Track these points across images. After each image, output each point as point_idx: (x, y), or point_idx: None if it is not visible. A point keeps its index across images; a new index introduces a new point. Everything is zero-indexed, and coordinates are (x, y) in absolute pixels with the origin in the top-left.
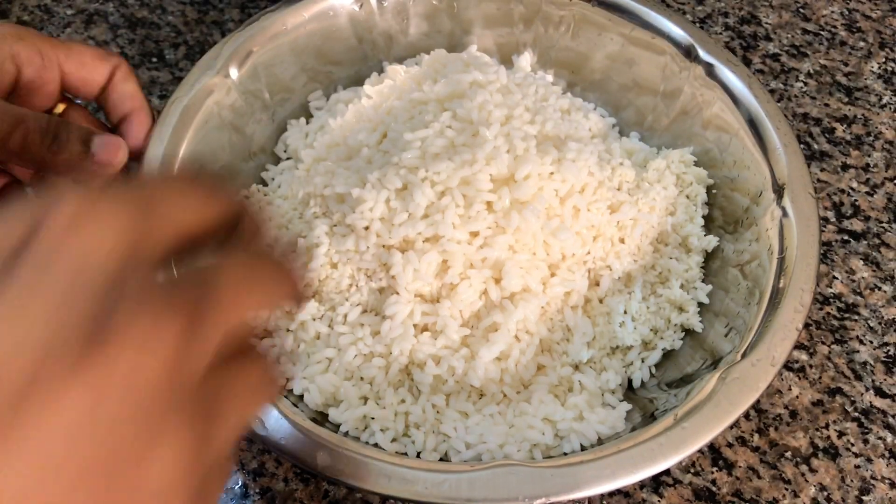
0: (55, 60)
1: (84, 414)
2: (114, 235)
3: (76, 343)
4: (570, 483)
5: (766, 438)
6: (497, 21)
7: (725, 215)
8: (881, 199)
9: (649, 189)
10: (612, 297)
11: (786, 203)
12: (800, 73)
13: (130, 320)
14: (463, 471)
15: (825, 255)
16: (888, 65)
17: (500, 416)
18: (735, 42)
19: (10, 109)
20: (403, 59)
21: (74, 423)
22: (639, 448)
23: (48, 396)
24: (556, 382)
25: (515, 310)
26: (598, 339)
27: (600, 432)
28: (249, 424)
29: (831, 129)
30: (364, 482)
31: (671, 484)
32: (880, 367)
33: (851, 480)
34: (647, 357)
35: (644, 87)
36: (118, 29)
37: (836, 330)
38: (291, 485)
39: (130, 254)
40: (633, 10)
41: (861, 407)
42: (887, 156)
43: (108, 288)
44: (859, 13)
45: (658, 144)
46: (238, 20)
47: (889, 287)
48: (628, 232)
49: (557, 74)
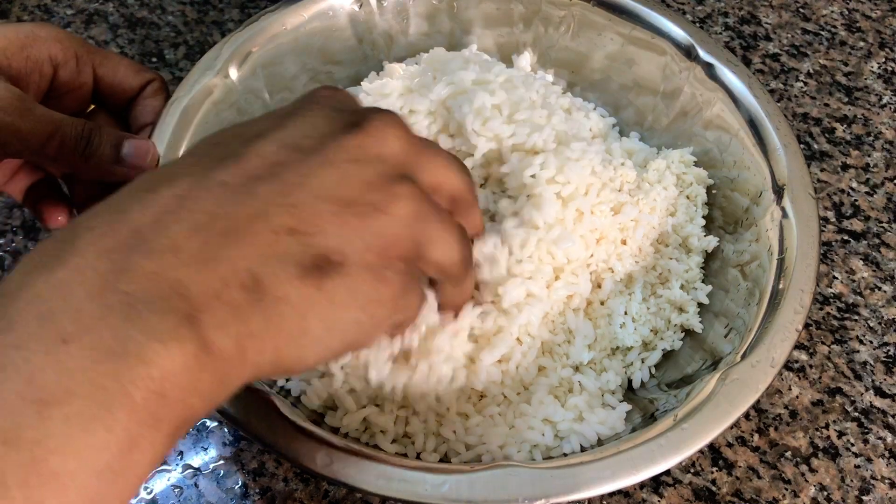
0: (90, 65)
1: (354, 154)
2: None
3: (347, 125)
4: (570, 484)
5: (766, 438)
6: (497, 21)
7: (725, 216)
8: (881, 199)
9: (650, 189)
10: (613, 299)
11: (786, 203)
12: (800, 73)
13: (376, 119)
14: (463, 472)
15: (825, 255)
16: (888, 65)
17: (500, 418)
18: (735, 42)
19: (48, 116)
20: (403, 58)
21: (350, 156)
22: (639, 449)
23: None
24: (556, 384)
25: (519, 314)
26: (599, 341)
27: (600, 433)
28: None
29: (831, 129)
30: (364, 483)
31: (671, 484)
32: (880, 367)
33: (851, 480)
34: (647, 357)
35: (644, 87)
36: (118, 29)
37: (836, 330)
38: (291, 485)
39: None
40: (633, 10)
41: (861, 407)
42: (887, 156)
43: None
44: (859, 13)
45: (658, 144)
46: (238, 20)
47: (889, 287)
48: (630, 233)
49: (557, 74)
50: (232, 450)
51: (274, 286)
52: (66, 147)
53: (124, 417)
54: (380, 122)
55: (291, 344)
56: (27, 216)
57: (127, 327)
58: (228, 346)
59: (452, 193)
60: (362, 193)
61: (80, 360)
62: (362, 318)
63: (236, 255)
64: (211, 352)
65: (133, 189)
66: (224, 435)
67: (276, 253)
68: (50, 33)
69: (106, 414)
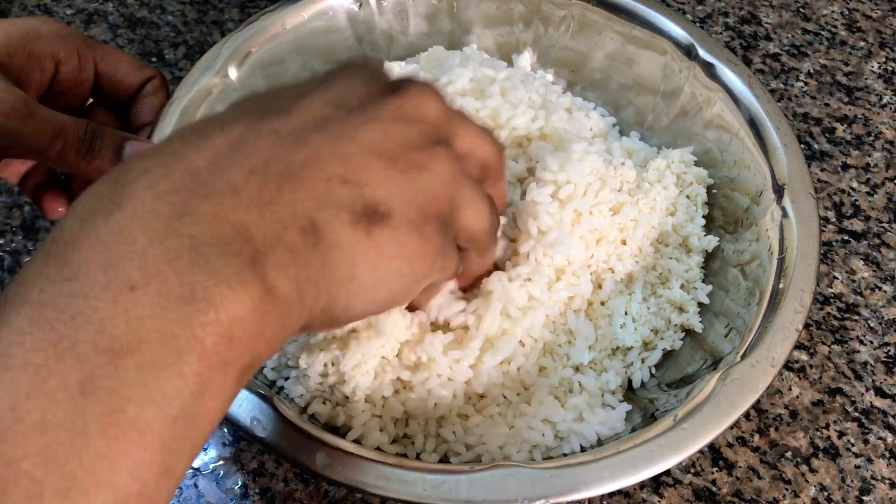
0: (91, 61)
1: (395, 114)
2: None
3: (386, 89)
4: (570, 484)
5: (767, 438)
6: (497, 21)
7: (726, 215)
8: (881, 199)
9: (649, 189)
10: (614, 299)
11: (786, 203)
12: (800, 73)
13: (413, 85)
14: (462, 472)
15: (825, 255)
16: (888, 64)
17: (499, 418)
18: (735, 42)
19: (51, 119)
20: (403, 58)
21: (392, 116)
22: (639, 449)
23: (375, 103)
24: (556, 384)
25: (524, 318)
26: (600, 341)
27: (600, 433)
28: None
29: (831, 129)
30: (364, 483)
31: (671, 484)
32: (880, 367)
33: (852, 480)
34: (648, 357)
35: (644, 87)
36: (118, 29)
37: (836, 330)
38: (291, 485)
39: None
40: (633, 10)
41: (861, 407)
42: (887, 156)
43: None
44: (859, 13)
45: (658, 144)
46: (238, 20)
47: (889, 287)
48: (630, 233)
49: (557, 74)
50: (232, 450)
51: (329, 231)
52: (69, 150)
53: (195, 363)
54: (418, 88)
55: (342, 291)
56: (27, 216)
57: (193, 272)
58: (290, 289)
59: (483, 162)
60: (405, 151)
61: (149, 307)
62: (406, 269)
63: (294, 198)
64: (274, 295)
65: (184, 134)
66: (224, 435)
67: (330, 200)
68: (52, 29)
69: (178, 360)
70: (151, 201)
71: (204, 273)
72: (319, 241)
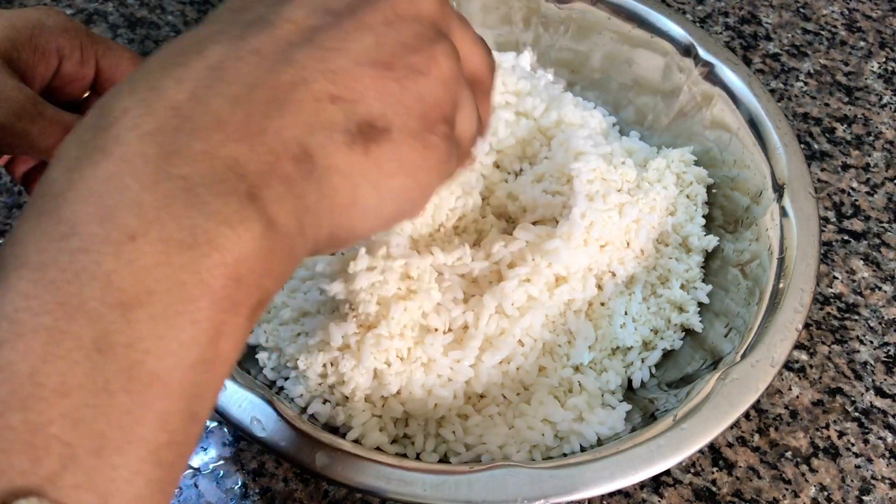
0: (94, 56)
1: (389, 16)
2: None
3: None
4: (570, 484)
5: (767, 438)
6: (497, 20)
7: (726, 215)
8: (881, 199)
9: (650, 189)
10: (614, 299)
11: (786, 203)
12: (800, 73)
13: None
14: (462, 472)
15: (825, 255)
16: (888, 64)
17: (499, 418)
18: (735, 42)
19: (58, 119)
20: None
21: (385, 18)
22: (638, 449)
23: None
24: (556, 384)
25: (521, 318)
26: (600, 341)
27: (600, 433)
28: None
29: (831, 129)
30: (364, 483)
31: (671, 484)
32: (880, 367)
33: (852, 480)
34: (648, 357)
35: (644, 87)
36: (118, 28)
37: (836, 330)
38: (291, 485)
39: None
40: (632, 10)
41: (861, 407)
42: (887, 156)
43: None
44: (859, 13)
45: (658, 144)
46: None
47: (889, 287)
48: (632, 235)
49: (557, 74)
50: (232, 450)
51: (323, 156)
52: None
53: (207, 308)
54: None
55: (344, 214)
56: None
57: (191, 214)
58: (291, 222)
59: (475, 72)
60: (400, 56)
61: (153, 256)
62: (410, 184)
63: (282, 125)
64: (276, 229)
65: (161, 61)
66: (224, 435)
67: (320, 122)
68: (57, 22)
69: (190, 307)
70: (138, 144)
71: (203, 215)
72: (314, 168)
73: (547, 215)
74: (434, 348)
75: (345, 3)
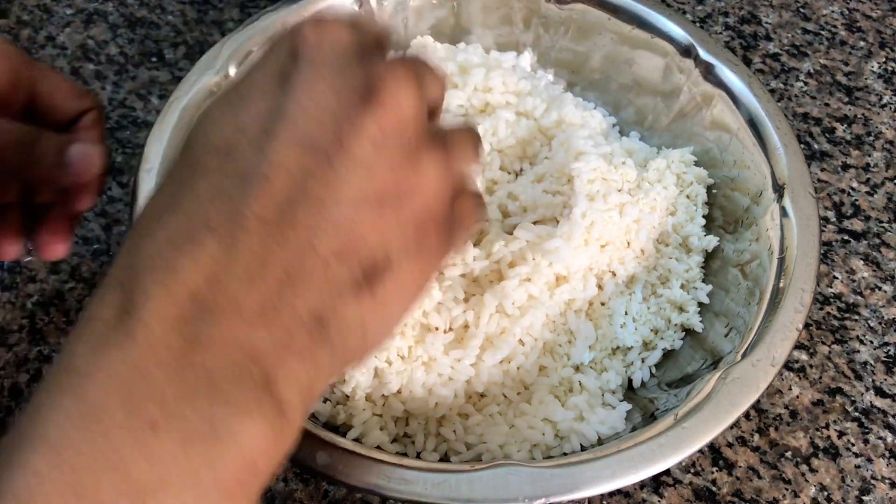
0: (27, 81)
1: (376, 139)
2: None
3: (356, 96)
4: (570, 483)
5: (767, 438)
6: (497, 21)
7: (726, 215)
8: (881, 199)
9: (650, 189)
10: (614, 299)
11: (786, 203)
12: (800, 73)
13: (385, 78)
14: (463, 471)
15: (825, 255)
16: (888, 64)
17: (500, 417)
18: (735, 42)
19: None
20: None
21: (373, 143)
22: (639, 448)
23: (353, 130)
24: (556, 383)
25: (522, 318)
26: (600, 341)
27: (600, 432)
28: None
29: (831, 129)
30: (364, 483)
31: (671, 484)
32: (881, 367)
33: (852, 480)
34: (648, 357)
35: (644, 87)
36: (118, 28)
37: (836, 330)
38: (291, 485)
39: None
40: (632, 10)
41: (861, 407)
42: (888, 156)
43: (363, 59)
44: (859, 13)
45: (658, 144)
46: (238, 20)
47: (889, 287)
48: (633, 235)
49: (557, 74)
50: None
51: (335, 318)
52: (8, 152)
53: (218, 499)
54: (392, 84)
55: (355, 355)
56: None
57: (212, 406)
58: (301, 398)
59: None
60: (392, 184)
61: (171, 447)
62: (412, 299)
63: (295, 301)
64: (285, 413)
65: (170, 234)
66: None
67: (330, 285)
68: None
69: (201, 500)
70: (162, 332)
71: (222, 406)
72: (327, 332)
73: (547, 215)
74: (435, 347)
75: (329, 129)
